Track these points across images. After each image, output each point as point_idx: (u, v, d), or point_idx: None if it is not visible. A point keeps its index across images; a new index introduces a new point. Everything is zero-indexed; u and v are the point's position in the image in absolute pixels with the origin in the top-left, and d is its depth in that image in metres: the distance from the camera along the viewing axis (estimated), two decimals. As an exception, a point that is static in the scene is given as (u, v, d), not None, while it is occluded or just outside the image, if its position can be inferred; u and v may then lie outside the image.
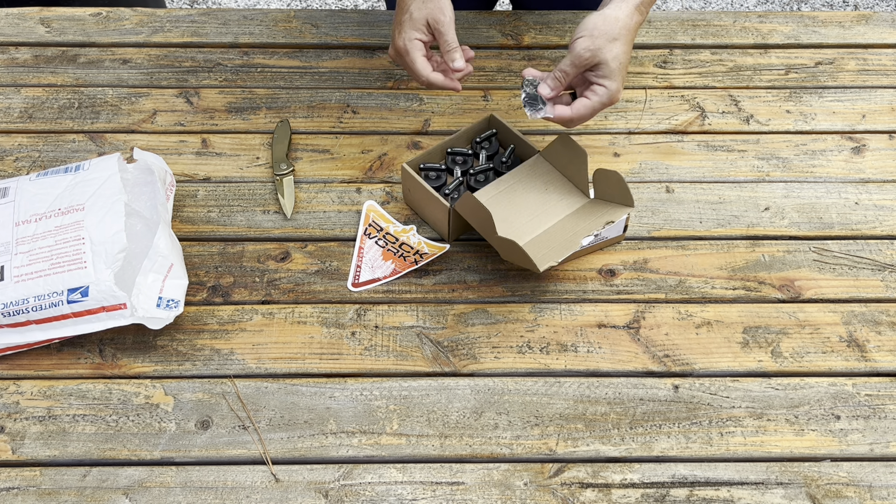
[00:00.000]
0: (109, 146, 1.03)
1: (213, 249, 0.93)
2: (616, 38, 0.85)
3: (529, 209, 0.92)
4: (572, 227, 0.90)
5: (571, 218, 0.92)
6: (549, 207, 0.93)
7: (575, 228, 0.90)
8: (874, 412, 0.81)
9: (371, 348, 0.85)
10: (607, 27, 0.85)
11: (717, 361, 0.85)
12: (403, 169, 0.92)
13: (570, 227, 0.90)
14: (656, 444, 0.79)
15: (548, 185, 0.94)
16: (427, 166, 0.96)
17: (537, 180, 0.94)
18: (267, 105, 1.08)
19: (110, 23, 1.18)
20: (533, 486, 0.76)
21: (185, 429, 0.79)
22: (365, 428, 0.80)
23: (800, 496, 0.76)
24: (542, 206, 0.93)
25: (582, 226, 0.90)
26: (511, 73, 1.12)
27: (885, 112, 1.08)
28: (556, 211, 0.93)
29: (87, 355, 0.84)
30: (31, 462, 0.77)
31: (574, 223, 0.91)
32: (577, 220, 0.91)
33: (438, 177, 0.96)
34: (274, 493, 0.76)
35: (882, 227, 0.96)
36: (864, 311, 0.88)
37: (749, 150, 1.03)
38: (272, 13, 1.20)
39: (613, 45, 0.85)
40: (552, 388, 0.83)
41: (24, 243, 0.84)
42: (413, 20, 0.90)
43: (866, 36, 1.17)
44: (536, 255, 0.86)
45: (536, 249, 0.88)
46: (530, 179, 0.94)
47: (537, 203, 0.93)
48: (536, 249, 0.88)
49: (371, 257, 0.92)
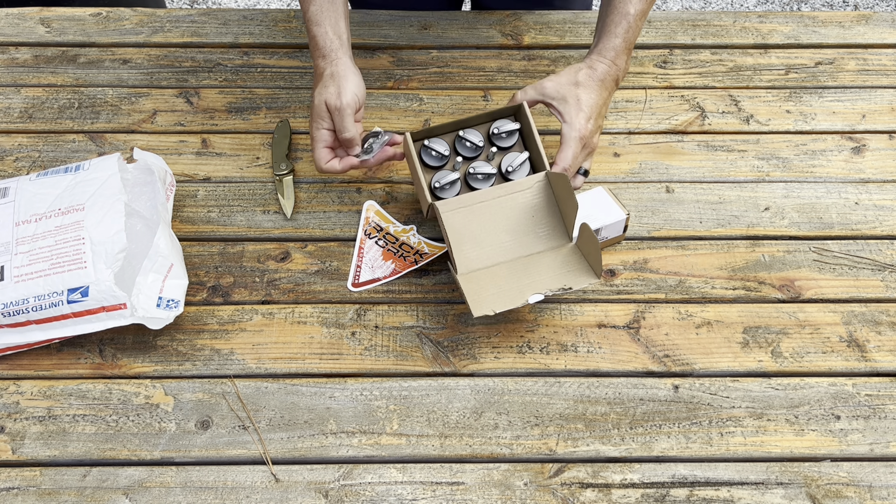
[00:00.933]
0: (109, 146, 1.03)
1: (213, 249, 0.93)
2: (577, 83, 0.90)
3: (507, 231, 0.88)
4: (534, 272, 0.86)
5: (540, 259, 0.87)
6: (527, 238, 0.88)
7: (535, 275, 0.85)
8: (874, 412, 0.81)
9: (371, 348, 0.85)
10: (569, 73, 0.91)
11: (717, 361, 0.85)
12: (405, 137, 0.89)
13: (532, 270, 0.86)
14: (656, 444, 0.79)
15: (537, 213, 0.89)
16: (431, 144, 0.91)
17: (530, 202, 0.89)
18: (267, 105, 1.08)
19: (110, 23, 1.18)
20: (533, 486, 0.76)
21: (185, 429, 0.79)
22: (365, 428, 0.80)
23: (800, 496, 0.76)
24: (520, 233, 0.88)
25: (543, 276, 0.85)
26: (511, 73, 1.12)
27: (885, 112, 1.08)
28: (531, 243, 0.88)
29: (87, 355, 0.84)
30: (31, 462, 0.77)
31: (538, 268, 0.86)
32: (544, 265, 0.86)
33: (441, 157, 0.91)
34: (274, 493, 0.76)
35: (882, 227, 0.96)
36: (865, 311, 0.88)
37: (749, 150, 1.03)
38: (272, 13, 1.20)
39: (574, 88, 0.90)
40: (552, 388, 0.83)
41: (24, 243, 0.84)
42: (315, 109, 0.90)
43: (866, 36, 1.17)
44: (481, 293, 0.84)
45: (485, 284, 0.85)
46: (523, 198, 0.89)
47: (518, 227, 0.88)
48: (485, 284, 0.85)
49: (371, 257, 0.92)
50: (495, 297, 0.83)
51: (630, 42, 0.93)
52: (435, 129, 0.91)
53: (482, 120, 0.93)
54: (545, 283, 0.84)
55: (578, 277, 0.84)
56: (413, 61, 1.13)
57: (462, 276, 0.86)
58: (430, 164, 0.91)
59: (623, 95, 1.09)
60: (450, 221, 0.87)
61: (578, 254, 0.87)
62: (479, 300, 0.83)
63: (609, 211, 0.91)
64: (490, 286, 0.85)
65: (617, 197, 0.94)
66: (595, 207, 0.91)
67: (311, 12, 0.92)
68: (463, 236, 0.87)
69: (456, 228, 0.87)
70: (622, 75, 0.94)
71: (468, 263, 0.87)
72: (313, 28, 0.91)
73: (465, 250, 0.87)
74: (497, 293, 0.84)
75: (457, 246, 0.87)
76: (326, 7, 0.91)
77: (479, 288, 0.85)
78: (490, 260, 0.87)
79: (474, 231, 0.88)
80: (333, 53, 0.90)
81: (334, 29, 0.91)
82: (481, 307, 0.81)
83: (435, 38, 1.16)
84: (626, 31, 0.92)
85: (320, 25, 0.91)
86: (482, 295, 0.83)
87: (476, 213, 0.88)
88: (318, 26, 0.91)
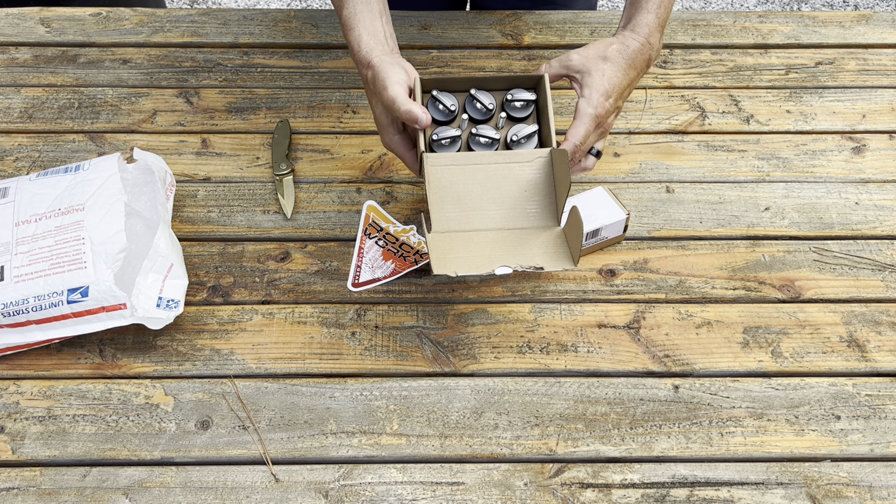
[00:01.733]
0: (109, 146, 1.03)
1: (213, 249, 0.93)
2: (606, 57, 0.84)
3: (495, 200, 0.84)
4: (511, 246, 0.82)
5: (521, 235, 0.83)
6: (514, 212, 0.84)
7: (511, 250, 0.81)
8: (874, 412, 0.81)
9: (371, 348, 0.85)
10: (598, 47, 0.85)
11: (718, 361, 0.85)
12: (415, 81, 0.84)
13: (510, 244, 0.82)
14: (656, 444, 0.79)
15: (531, 188, 0.84)
16: (440, 97, 0.85)
17: (526, 176, 0.84)
18: (267, 105, 1.08)
19: (110, 23, 1.18)
20: (533, 486, 0.76)
21: (185, 429, 0.79)
22: (365, 428, 0.80)
23: (800, 496, 0.76)
24: (508, 206, 0.84)
25: (519, 252, 0.81)
26: (511, 73, 1.11)
27: (886, 112, 1.08)
28: (517, 218, 0.84)
29: (87, 355, 0.84)
30: (31, 462, 0.77)
31: (516, 243, 0.82)
32: (524, 242, 0.83)
33: (448, 112, 0.86)
34: (274, 493, 0.76)
35: (882, 227, 0.96)
36: (865, 311, 0.88)
37: (749, 150, 1.03)
38: (272, 13, 1.20)
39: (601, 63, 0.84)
40: (552, 388, 0.83)
41: (24, 243, 0.84)
42: (376, 121, 0.86)
43: (866, 36, 1.17)
44: (449, 253, 0.80)
45: (456, 247, 0.81)
46: (520, 170, 0.84)
47: (507, 199, 0.84)
48: (456, 247, 0.81)
49: (371, 257, 0.92)
50: (463, 260, 0.80)
51: (663, 20, 0.87)
52: (448, 80, 0.86)
53: (500, 84, 0.88)
54: (518, 259, 0.80)
55: (555, 260, 0.80)
56: (413, 61, 1.12)
57: (434, 235, 0.82)
58: (434, 118, 0.86)
59: (623, 95, 1.09)
60: (436, 176, 0.83)
61: (563, 238, 0.83)
62: (445, 260, 0.79)
63: (609, 211, 0.91)
64: (461, 250, 0.81)
65: (617, 197, 0.94)
66: (595, 207, 0.91)
67: (343, 16, 0.87)
68: (447, 195, 0.83)
69: (441, 185, 0.83)
70: (655, 55, 0.88)
71: (445, 223, 0.83)
72: (347, 34, 0.86)
73: (445, 209, 0.83)
74: (466, 258, 0.80)
75: (437, 203, 0.82)
76: (360, 8, 0.86)
77: (448, 249, 0.81)
78: (469, 225, 0.83)
79: (460, 192, 0.84)
80: (369, 55, 0.84)
81: (369, 31, 0.85)
82: (444, 266, 0.78)
83: (435, 38, 1.16)
84: (658, 7, 0.87)
85: (353, 30, 0.85)
86: (449, 256, 0.80)
87: (467, 174, 0.84)
88: (352, 31, 0.85)
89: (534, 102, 0.87)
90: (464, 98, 0.87)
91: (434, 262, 0.78)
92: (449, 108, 0.86)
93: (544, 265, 0.79)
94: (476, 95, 0.86)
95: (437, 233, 0.82)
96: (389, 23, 0.88)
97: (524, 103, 0.87)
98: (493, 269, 0.78)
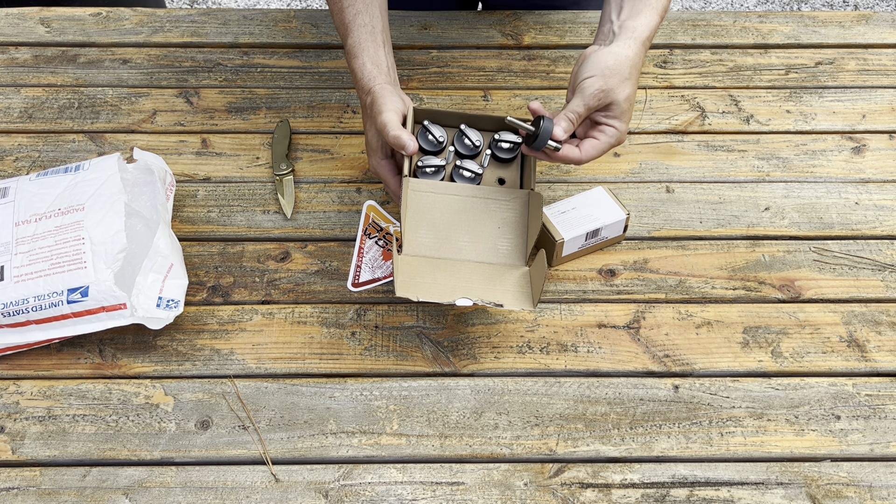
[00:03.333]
0: (109, 146, 1.03)
1: (213, 249, 0.93)
2: (627, 77, 0.83)
3: (469, 232, 0.86)
4: (477, 279, 0.83)
5: (489, 270, 0.85)
6: (485, 246, 0.86)
7: (476, 283, 0.83)
8: (874, 412, 0.81)
9: (371, 348, 0.85)
10: (619, 67, 0.82)
11: (717, 361, 0.85)
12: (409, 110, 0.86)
13: (476, 277, 0.83)
14: (656, 444, 0.79)
15: (504, 226, 0.86)
16: (430, 128, 0.87)
17: (502, 214, 0.87)
18: (267, 105, 1.08)
19: (110, 23, 1.18)
20: (533, 486, 0.76)
21: (185, 429, 0.79)
22: (365, 428, 0.80)
23: (800, 496, 0.76)
24: (480, 239, 0.86)
25: (484, 286, 0.82)
26: (511, 73, 1.12)
27: (886, 112, 1.08)
28: (487, 253, 0.85)
29: (87, 355, 0.84)
30: (31, 462, 0.77)
31: (482, 277, 0.84)
32: (489, 277, 0.84)
33: (436, 144, 0.88)
34: (274, 493, 0.76)
35: (882, 227, 0.96)
36: (865, 311, 0.88)
37: (749, 150, 1.03)
38: (272, 13, 1.20)
39: (625, 86, 0.82)
40: (552, 388, 0.83)
41: (24, 243, 0.84)
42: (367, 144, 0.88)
43: (866, 36, 1.17)
44: (415, 277, 0.81)
45: (423, 272, 0.83)
46: (497, 207, 0.87)
47: (480, 233, 0.86)
48: (423, 272, 0.83)
49: (371, 257, 0.92)
50: (427, 286, 0.81)
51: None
52: (440, 114, 0.88)
53: (490, 124, 0.90)
54: (480, 293, 0.82)
55: (516, 299, 0.82)
56: (413, 61, 1.13)
57: (404, 258, 0.83)
58: (423, 147, 0.88)
59: (623, 95, 1.09)
60: (415, 201, 0.85)
61: (528, 279, 0.84)
62: (409, 283, 0.80)
63: (609, 211, 0.91)
64: (427, 275, 0.83)
65: (617, 197, 0.94)
66: (595, 207, 0.91)
67: (348, 44, 0.89)
68: (422, 220, 0.85)
69: (419, 209, 0.85)
70: None
71: (417, 248, 0.84)
72: (351, 61, 0.88)
73: (419, 233, 0.85)
74: (431, 283, 0.82)
75: (412, 227, 0.84)
76: (365, 38, 0.88)
77: (414, 273, 0.82)
78: (440, 253, 0.85)
79: (436, 219, 0.85)
80: (371, 83, 0.86)
81: (373, 60, 0.87)
82: (407, 290, 0.79)
83: (435, 37, 1.16)
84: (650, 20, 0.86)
85: (358, 58, 0.87)
86: (415, 279, 0.81)
87: (444, 203, 0.86)
88: (356, 59, 0.88)
89: (519, 146, 0.88)
90: (453, 133, 0.89)
91: (398, 285, 0.79)
92: (438, 140, 0.87)
93: (504, 303, 0.81)
94: (465, 131, 0.88)
95: (408, 255, 0.84)
96: (391, 54, 0.90)
97: (511, 145, 0.88)
98: (454, 300, 0.79)
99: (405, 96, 0.87)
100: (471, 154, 0.89)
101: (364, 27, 0.88)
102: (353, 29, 0.89)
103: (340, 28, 0.91)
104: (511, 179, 0.90)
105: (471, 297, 0.80)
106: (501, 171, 0.90)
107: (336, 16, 0.91)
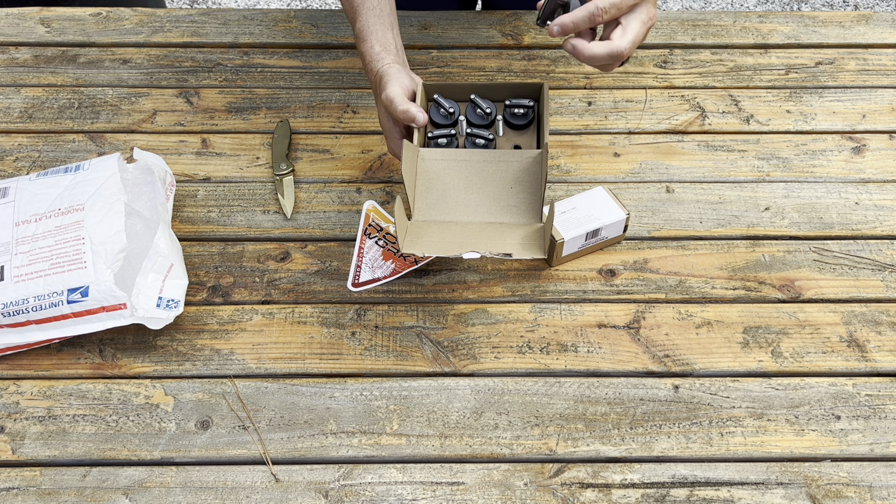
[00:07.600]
0: (109, 146, 1.03)
1: (213, 249, 0.93)
2: None
3: (480, 194, 0.85)
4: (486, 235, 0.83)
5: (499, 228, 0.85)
6: (498, 206, 0.85)
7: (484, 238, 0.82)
8: (874, 412, 0.81)
9: (371, 348, 0.85)
10: None
11: (718, 361, 0.85)
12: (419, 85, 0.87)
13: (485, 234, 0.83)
14: (656, 444, 0.79)
15: (517, 185, 0.86)
16: (441, 101, 0.88)
17: (514, 174, 0.86)
18: (267, 105, 1.08)
19: (110, 23, 1.18)
20: (533, 486, 0.76)
21: (185, 429, 0.79)
22: (365, 428, 0.80)
23: (800, 496, 0.76)
24: (492, 200, 0.85)
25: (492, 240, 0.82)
26: (511, 73, 1.12)
27: (886, 112, 1.08)
28: (499, 212, 0.85)
29: (87, 355, 0.84)
30: (31, 462, 0.77)
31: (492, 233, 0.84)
32: (500, 233, 0.84)
33: (447, 116, 0.89)
34: (274, 493, 0.76)
35: (882, 227, 0.96)
36: (865, 311, 0.88)
37: (749, 150, 1.03)
38: (272, 13, 1.20)
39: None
40: (552, 388, 0.83)
41: (24, 243, 0.84)
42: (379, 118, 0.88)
43: (866, 36, 1.17)
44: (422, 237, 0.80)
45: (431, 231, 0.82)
46: (507, 168, 0.86)
47: (492, 194, 0.85)
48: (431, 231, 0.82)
49: (371, 257, 0.92)
50: (434, 243, 0.81)
51: None
52: (450, 87, 0.88)
53: (501, 93, 0.90)
54: (489, 246, 0.81)
55: (525, 250, 0.81)
56: (413, 61, 1.13)
57: (413, 223, 0.82)
58: (434, 121, 0.89)
59: (623, 95, 1.09)
60: (425, 168, 0.84)
61: (541, 233, 0.84)
62: (415, 240, 0.80)
63: (609, 211, 0.91)
64: (435, 234, 0.82)
65: (617, 197, 0.94)
66: (595, 207, 0.91)
67: (357, 28, 0.90)
68: (433, 186, 0.85)
69: (429, 177, 0.85)
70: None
71: (426, 212, 0.84)
72: (360, 44, 0.89)
73: (428, 199, 0.84)
74: (438, 241, 0.81)
75: (422, 193, 0.84)
76: (373, 21, 0.89)
77: (422, 232, 0.82)
78: (449, 216, 0.85)
79: (446, 185, 0.85)
80: (380, 64, 0.87)
81: (381, 42, 0.88)
82: (413, 246, 0.79)
83: (435, 38, 1.16)
84: None
85: (366, 41, 0.88)
86: (422, 238, 0.81)
87: (455, 169, 0.86)
88: (365, 42, 0.89)
89: (532, 109, 0.90)
90: (465, 105, 0.90)
91: (403, 241, 0.79)
92: (449, 112, 0.88)
93: (513, 252, 0.80)
94: (476, 101, 0.89)
95: (417, 221, 0.84)
96: (399, 36, 0.91)
97: (524, 110, 0.89)
98: (462, 253, 0.79)
99: (414, 75, 0.87)
100: (484, 124, 0.90)
101: (372, 10, 0.89)
102: (361, 12, 0.89)
103: (349, 12, 0.92)
104: (527, 146, 0.89)
105: (478, 250, 0.80)
106: (517, 137, 0.90)
107: (344, 1, 0.92)
